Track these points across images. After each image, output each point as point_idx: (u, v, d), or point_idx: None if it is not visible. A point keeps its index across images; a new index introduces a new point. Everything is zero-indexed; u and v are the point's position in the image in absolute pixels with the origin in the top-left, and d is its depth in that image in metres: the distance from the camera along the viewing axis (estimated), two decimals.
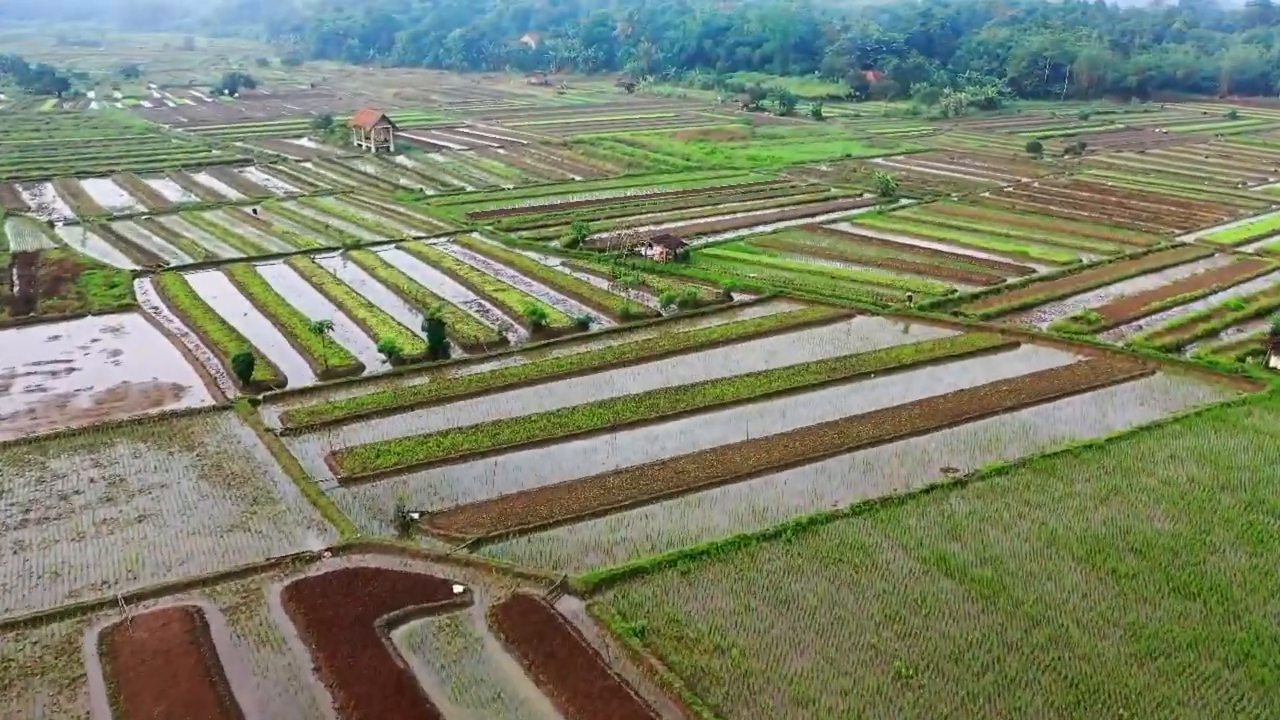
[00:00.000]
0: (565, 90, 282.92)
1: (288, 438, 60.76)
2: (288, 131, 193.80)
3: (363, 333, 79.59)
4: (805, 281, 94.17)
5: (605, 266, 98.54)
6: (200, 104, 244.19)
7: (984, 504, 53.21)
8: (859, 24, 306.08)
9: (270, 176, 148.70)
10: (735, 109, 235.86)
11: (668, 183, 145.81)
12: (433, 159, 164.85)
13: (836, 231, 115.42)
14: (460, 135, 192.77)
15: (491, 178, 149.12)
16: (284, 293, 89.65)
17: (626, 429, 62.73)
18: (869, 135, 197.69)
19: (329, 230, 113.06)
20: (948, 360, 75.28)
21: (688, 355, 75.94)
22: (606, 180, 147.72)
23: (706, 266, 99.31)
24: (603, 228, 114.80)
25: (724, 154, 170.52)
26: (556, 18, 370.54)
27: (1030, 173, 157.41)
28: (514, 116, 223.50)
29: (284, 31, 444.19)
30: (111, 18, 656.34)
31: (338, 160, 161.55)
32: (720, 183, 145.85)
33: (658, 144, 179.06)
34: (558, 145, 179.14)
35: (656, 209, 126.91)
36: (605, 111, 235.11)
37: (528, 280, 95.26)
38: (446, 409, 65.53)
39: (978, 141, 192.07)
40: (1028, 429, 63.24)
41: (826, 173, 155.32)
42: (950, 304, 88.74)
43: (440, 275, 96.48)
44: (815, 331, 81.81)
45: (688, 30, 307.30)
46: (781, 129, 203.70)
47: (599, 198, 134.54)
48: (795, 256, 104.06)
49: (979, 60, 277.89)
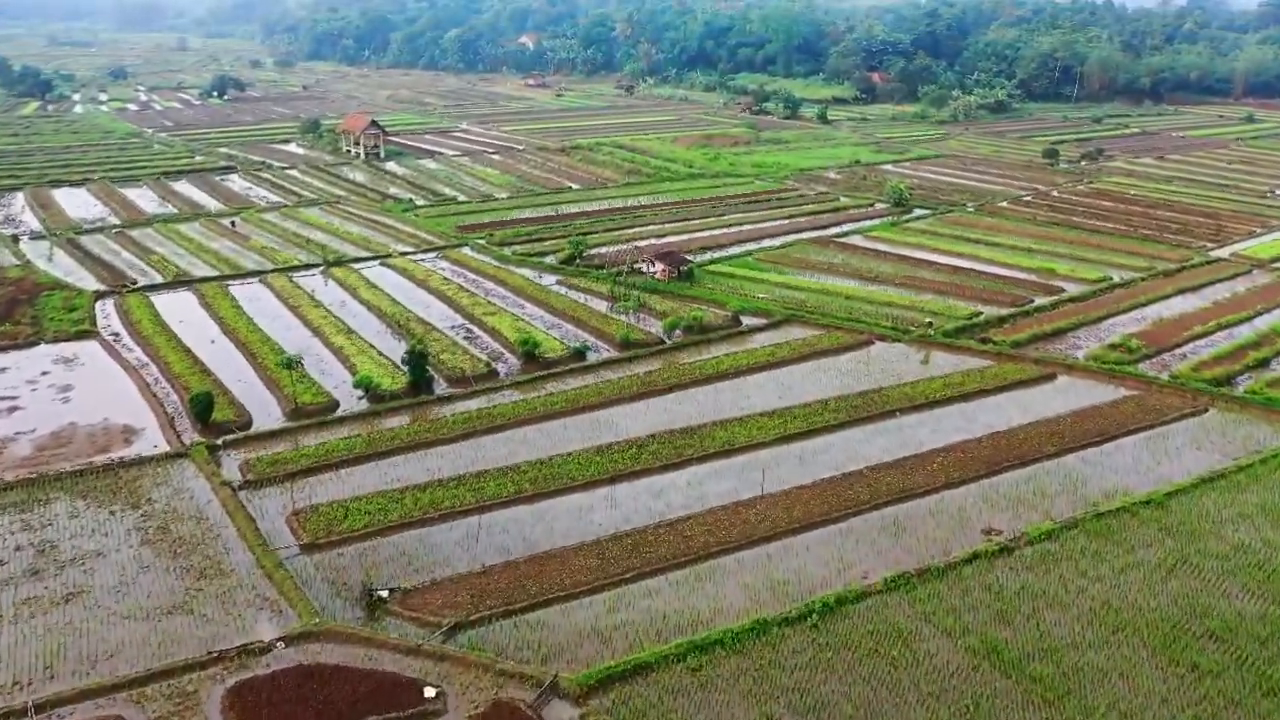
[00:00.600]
0: (563, 92, 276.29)
1: (247, 492, 54.13)
2: (275, 136, 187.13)
3: (339, 363, 72.98)
4: (818, 303, 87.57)
5: (604, 286, 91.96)
6: (188, 107, 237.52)
7: (1035, 577, 46.58)
8: (863, 24, 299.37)
9: (253, 185, 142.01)
10: (738, 112, 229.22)
11: (669, 191, 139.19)
12: (424, 165, 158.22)
13: (849, 246, 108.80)
14: (454, 140, 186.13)
15: (485, 186, 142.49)
16: (256, 316, 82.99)
17: (626, 480, 56.12)
18: (877, 140, 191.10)
19: (310, 245, 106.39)
20: (979, 395, 68.65)
21: (694, 390, 69.31)
22: (605, 189, 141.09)
23: (712, 286, 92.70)
24: (601, 242, 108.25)
25: (728, 160, 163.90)
26: (555, 18, 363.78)
27: (1048, 180, 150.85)
28: (510, 120, 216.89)
29: (278, 32, 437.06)
30: (105, 18, 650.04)
31: (325, 167, 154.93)
32: (724, 191, 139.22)
33: (659, 149, 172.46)
34: (555, 151, 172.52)
35: (658, 220, 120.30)
36: (604, 115, 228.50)
37: (520, 301, 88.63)
38: (426, 456, 58.92)
39: (990, 146, 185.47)
40: (1074, 480, 56.61)
41: (835, 180, 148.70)
42: (976, 329, 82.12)
43: (427, 296, 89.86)
44: (832, 361, 75.16)
45: (688, 31, 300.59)
46: (786, 133, 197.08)
47: (597, 208, 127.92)
48: (806, 274, 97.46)
49: (987, 62, 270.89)
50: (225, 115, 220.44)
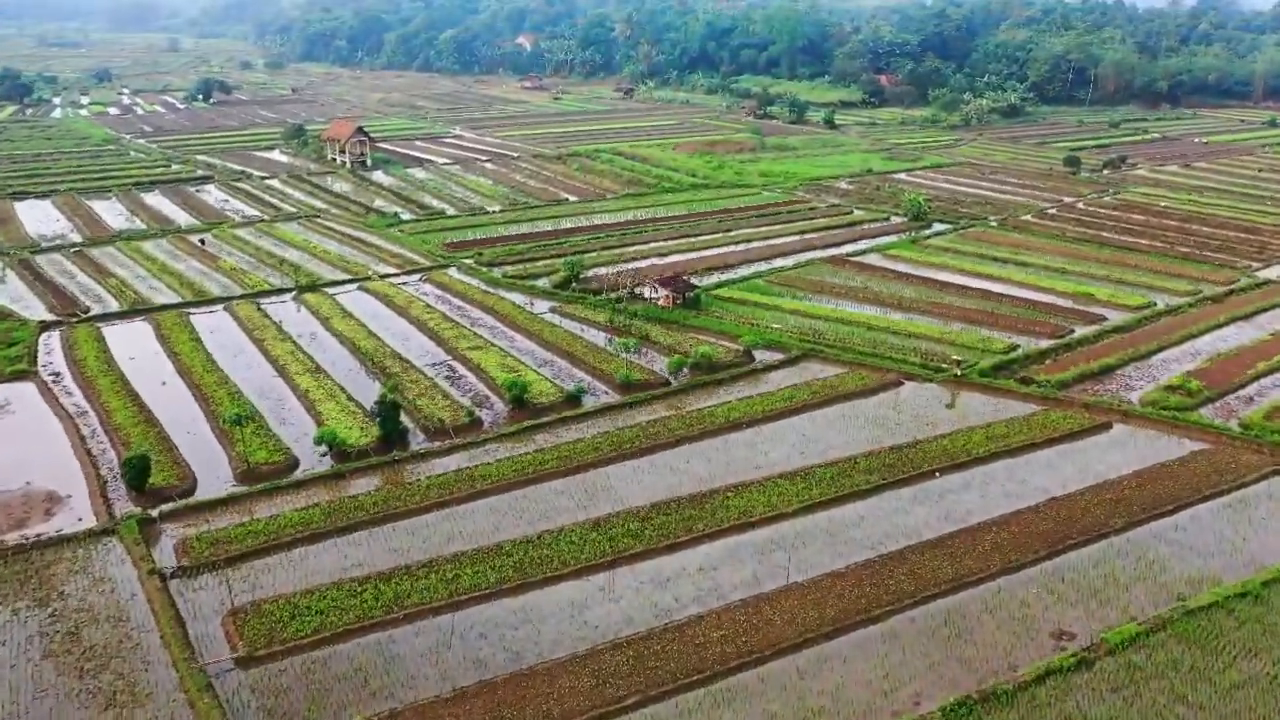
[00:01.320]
0: (561, 95, 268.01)
1: (180, 581, 45.94)
2: (259, 143, 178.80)
3: (304, 410, 64.80)
4: (838, 334, 79.39)
5: (602, 314, 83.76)
6: (171, 111, 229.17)
7: (1124, 703, 38.35)
8: (869, 25, 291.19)
9: (230, 197, 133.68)
10: (742, 116, 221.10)
11: (672, 204, 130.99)
12: (413, 175, 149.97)
13: (867, 266, 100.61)
14: (446, 147, 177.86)
15: (476, 198, 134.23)
16: (216, 352, 74.78)
17: (627, 563, 47.95)
18: (888, 146, 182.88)
19: (284, 266, 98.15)
20: (1026, 449, 60.45)
21: (703, 443, 61.11)
22: (604, 201, 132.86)
23: (720, 314, 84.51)
24: (599, 261, 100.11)
25: (733, 169, 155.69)
26: (553, 18, 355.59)
27: (1071, 190, 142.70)
28: (505, 125, 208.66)
29: (270, 33, 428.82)
30: (99, 18, 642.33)
31: (308, 177, 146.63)
32: (731, 204, 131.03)
33: (660, 157, 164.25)
34: (551, 159, 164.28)
35: (660, 236, 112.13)
36: (603, 119, 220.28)
37: (510, 333, 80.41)
38: (395, 531, 50.71)
39: (1006, 153, 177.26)
40: (1150, 563, 48.45)
41: (847, 191, 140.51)
42: (1015, 365, 73.97)
43: (407, 326, 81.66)
44: (857, 406, 66.97)
45: (690, 31, 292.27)
46: (793, 139, 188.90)
47: (595, 223, 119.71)
48: (822, 299, 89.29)
49: (997, 64, 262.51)
50: (209, 120, 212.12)
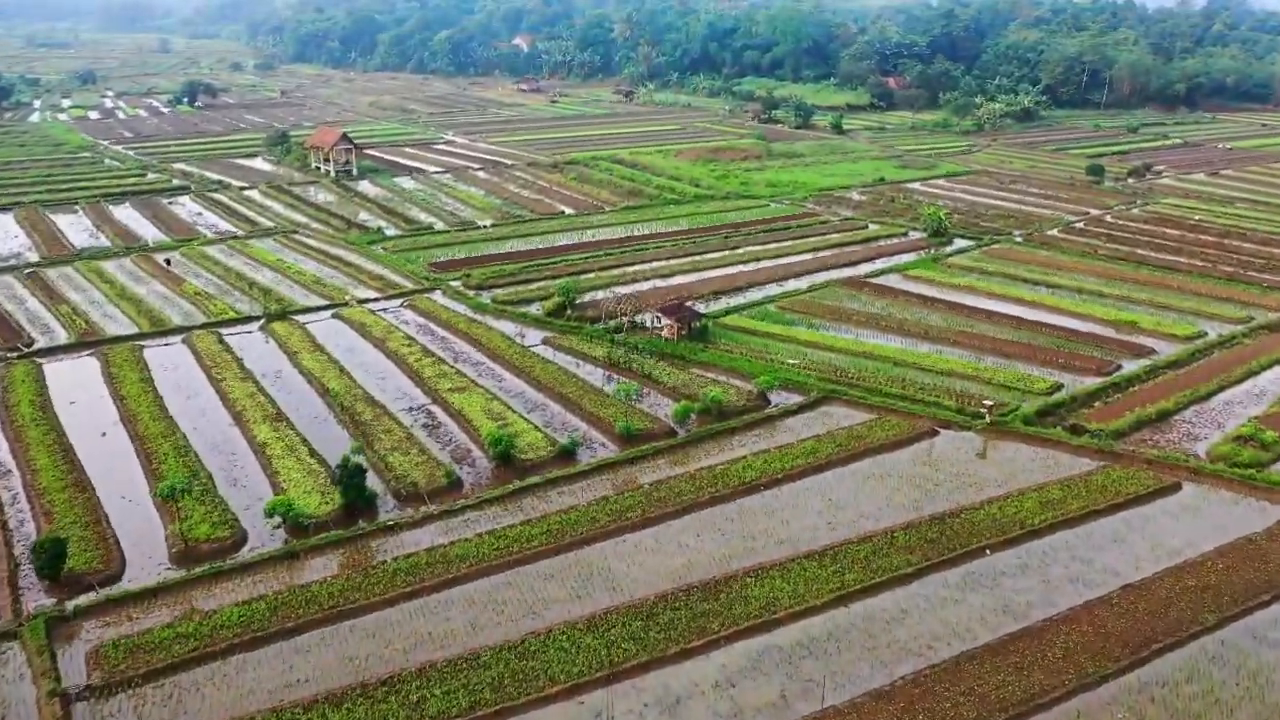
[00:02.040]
0: (558, 98, 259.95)
1: (89, 704, 38.07)
2: (241, 150, 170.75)
3: (259, 467, 56.93)
4: (860, 371, 71.51)
5: (599, 348, 75.84)
6: (154, 115, 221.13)
7: None
8: (875, 26, 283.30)
9: (204, 210, 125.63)
10: (745, 121, 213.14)
11: (675, 217, 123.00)
12: (400, 185, 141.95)
13: (887, 289, 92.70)
14: (437, 154, 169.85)
15: (466, 210, 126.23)
16: (168, 394, 66.87)
17: (629, 677, 40.07)
18: (899, 153, 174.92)
19: (253, 290, 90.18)
20: (1087, 518, 52.50)
21: (716, 511, 53.18)
22: (602, 214, 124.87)
23: (730, 347, 76.57)
24: (596, 283, 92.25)
25: (738, 178, 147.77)
26: (550, 18, 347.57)
27: (1097, 202, 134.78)
28: (499, 130, 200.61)
29: (263, 33, 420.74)
30: (91, 18, 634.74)
31: (289, 187, 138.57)
32: (737, 217, 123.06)
33: (661, 165, 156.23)
34: (546, 167, 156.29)
35: (662, 255, 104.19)
36: (601, 123, 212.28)
37: (497, 370, 72.48)
38: (352, 633, 42.77)
39: (1024, 161, 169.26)
40: (1254, 674, 40.56)
41: (860, 203, 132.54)
42: (1061, 409, 66.11)
43: (383, 361, 73.73)
44: (888, 461, 59.06)
45: (691, 32, 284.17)
46: (799, 145, 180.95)
47: (593, 239, 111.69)
48: (841, 328, 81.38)
49: (1008, 65, 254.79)
50: (192, 125, 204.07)
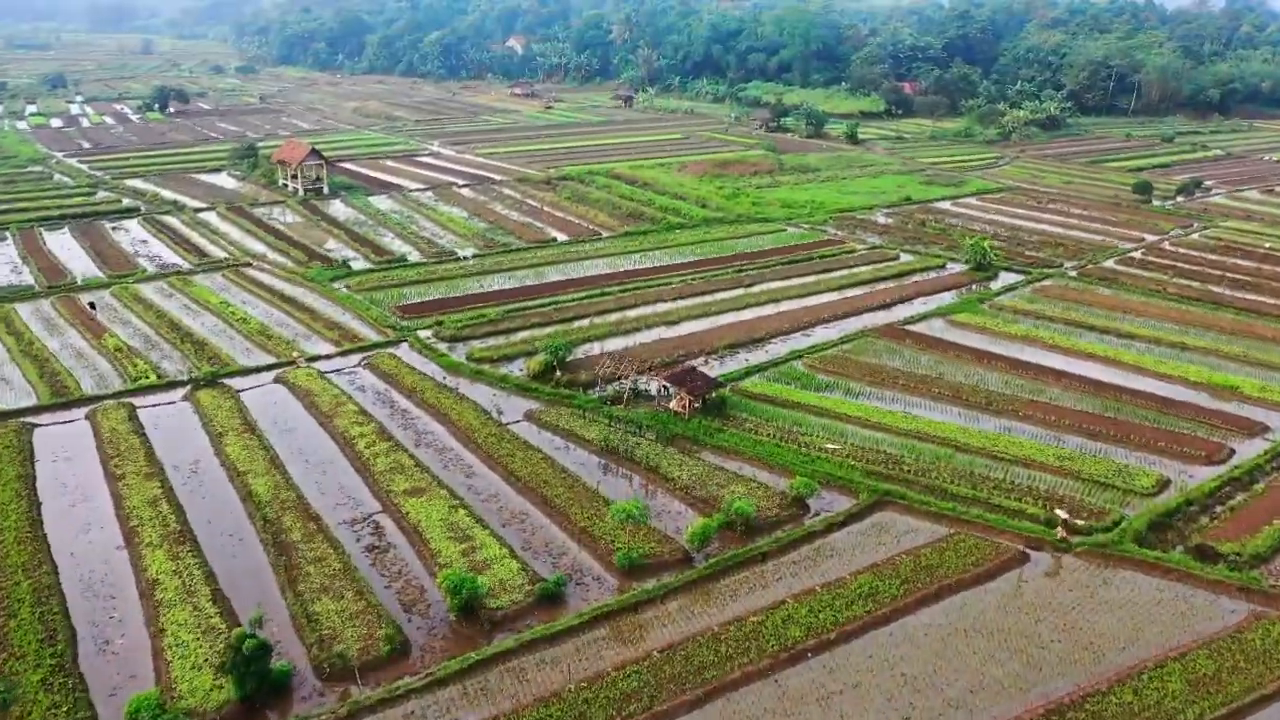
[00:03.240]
0: (553, 104, 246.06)
1: None
2: (206, 163, 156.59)
3: (141, 618, 43.12)
4: (916, 459, 57.80)
5: (594, 428, 62.03)
6: (121, 123, 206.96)
7: None
8: (887, 27, 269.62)
9: (151, 237, 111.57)
10: (753, 129, 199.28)
11: (681, 245, 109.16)
12: (376, 205, 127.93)
13: (932, 340, 78.91)
14: (419, 167, 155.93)
15: (446, 237, 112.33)
16: (49, 499, 53.02)
17: None
18: (922, 167, 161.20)
19: (186, 344, 76.20)
20: (1260, 705, 38.75)
21: (748, 694, 39.36)
22: (598, 242, 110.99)
23: (754, 424, 62.78)
24: (591, 332, 78.60)
25: (749, 196, 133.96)
26: (546, 19, 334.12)
27: (1149, 225, 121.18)
28: (490, 140, 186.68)
29: (248, 34, 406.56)
30: (78, 18, 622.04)
31: (250, 209, 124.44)
32: (750, 244, 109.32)
33: (664, 182, 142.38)
34: (538, 184, 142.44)
35: (668, 294, 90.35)
36: (599, 132, 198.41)
37: (468, 459, 58.63)
38: None
39: (1058, 175, 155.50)
40: None
41: (887, 227, 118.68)
42: (1176, 517, 52.39)
43: (327, 446, 59.86)
44: (969, 605, 45.18)
45: (694, 34, 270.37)
46: (812, 156, 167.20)
47: (588, 273, 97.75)
48: (885, 396, 67.64)
49: (1028, 69, 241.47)
50: (158, 134, 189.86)
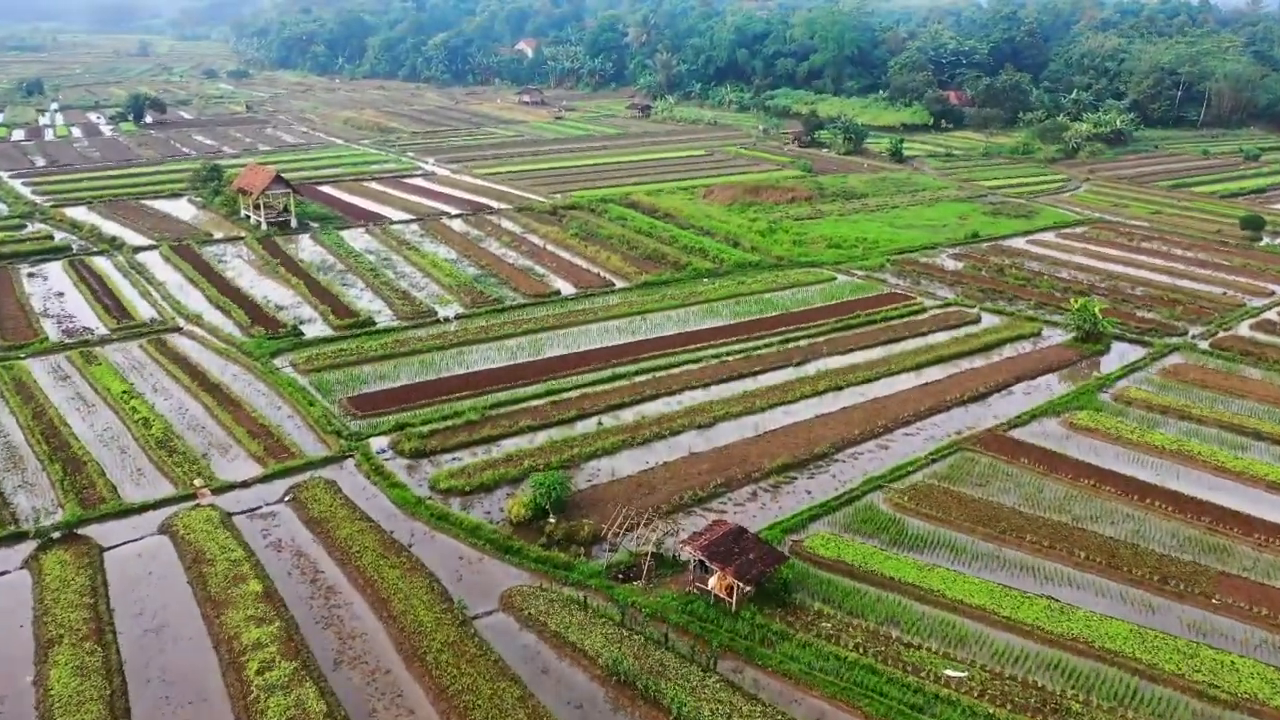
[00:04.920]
0: (564, 114, 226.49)
1: None
2: (167, 186, 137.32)
3: None
4: (1086, 697, 38.01)
5: (599, 631, 42.36)
6: (89, 135, 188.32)
7: None
8: (927, 30, 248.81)
9: (71, 287, 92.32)
10: (785, 144, 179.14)
11: (710, 302, 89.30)
12: (350, 243, 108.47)
13: (1051, 457, 58.97)
14: (409, 192, 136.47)
15: (427, 287, 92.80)
16: None
17: None
18: (981, 192, 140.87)
19: (58, 463, 56.85)
20: None
21: None
22: (609, 296, 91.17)
23: (832, 624, 43.03)
24: (599, 444, 59.01)
25: (788, 232, 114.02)
26: (558, 20, 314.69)
27: (1271, 271, 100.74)
28: (491, 157, 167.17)
29: (247, 35, 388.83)
30: (79, 18, 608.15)
31: (199, 250, 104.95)
32: (795, 299, 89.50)
33: (688, 212, 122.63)
34: (542, 213, 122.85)
35: (697, 379, 70.58)
36: (613, 147, 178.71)
37: (409, 696, 38.98)
38: None
39: (1143, 203, 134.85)
40: None
41: (958, 274, 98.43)
42: None
43: (200, 670, 40.41)
44: None
45: (717, 38, 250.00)
46: (854, 178, 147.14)
47: (597, 344, 78.03)
48: (1009, 564, 47.91)
49: (1082, 76, 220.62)
50: (123, 150, 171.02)
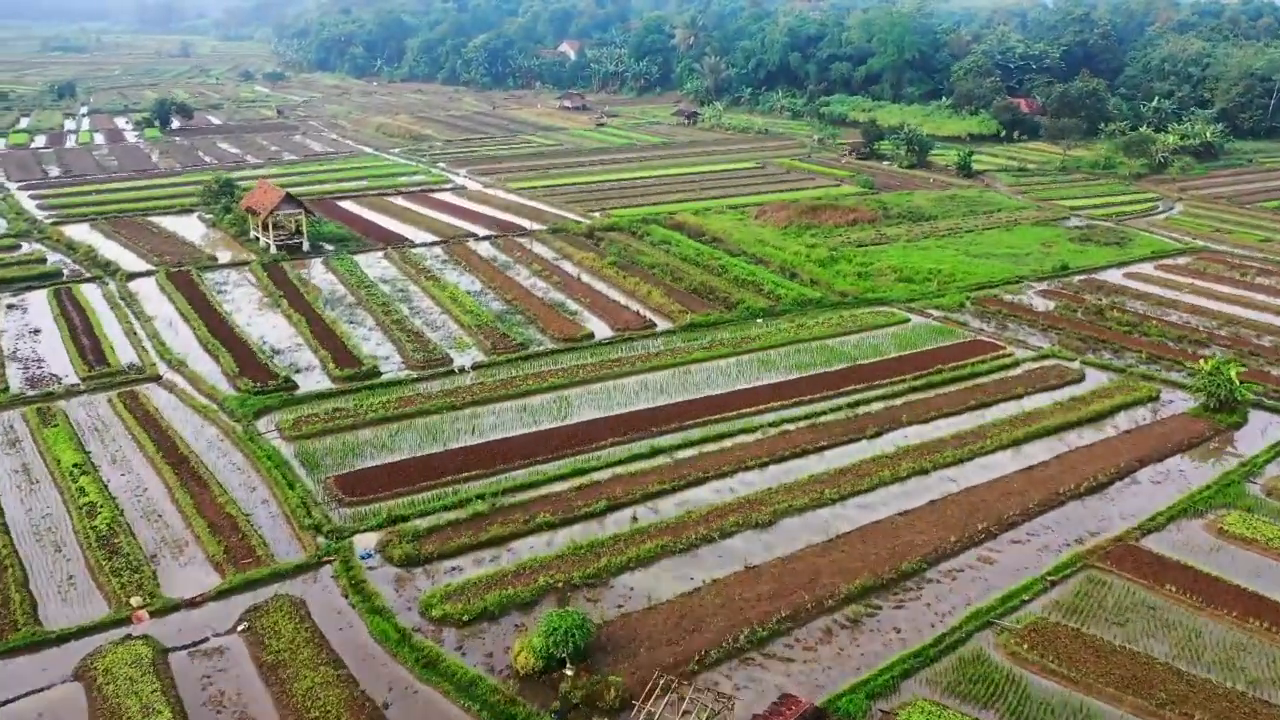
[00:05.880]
0: (605, 119, 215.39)
1: None
2: (178, 200, 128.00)
3: None
4: None
5: None
6: (113, 142, 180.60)
7: None
8: (993, 32, 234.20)
9: (53, 320, 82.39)
10: (842, 156, 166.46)
11: (765, 349, 77.25)
12: (364, 271, 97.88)
13: (1201, 581, 46.31)
14: (436, 208, 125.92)
15: (444, 327, 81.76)
16: None
17: None
18: (1062, 212, 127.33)
19: None
20: None
21: None
22: (651, 342, 79.24)
23: None
24: (633, 550, 47.50)
25: (850, 260, 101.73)
26: (602, 21, 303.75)
27: None
28: (527, 167, 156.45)
29: (287, 37, 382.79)
30: (125, 18, 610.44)
31: (198, 278, 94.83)
32: (864, 347, 77.15)
33: (738, 235, 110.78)
34: (578, 236, 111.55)
35: (751, 458, 58.72)
36: (657, 158, 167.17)
37: None
38: None
39: (1249, 229, 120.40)
40: None
41: (1050, 317, 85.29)
42: None
43: None
44: None
45: (768, 40, 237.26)
46: (920, 196, 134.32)
47: (633, 404, 66.35)
48: None
49: (1162, 83, 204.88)
50: (142, 158, 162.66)
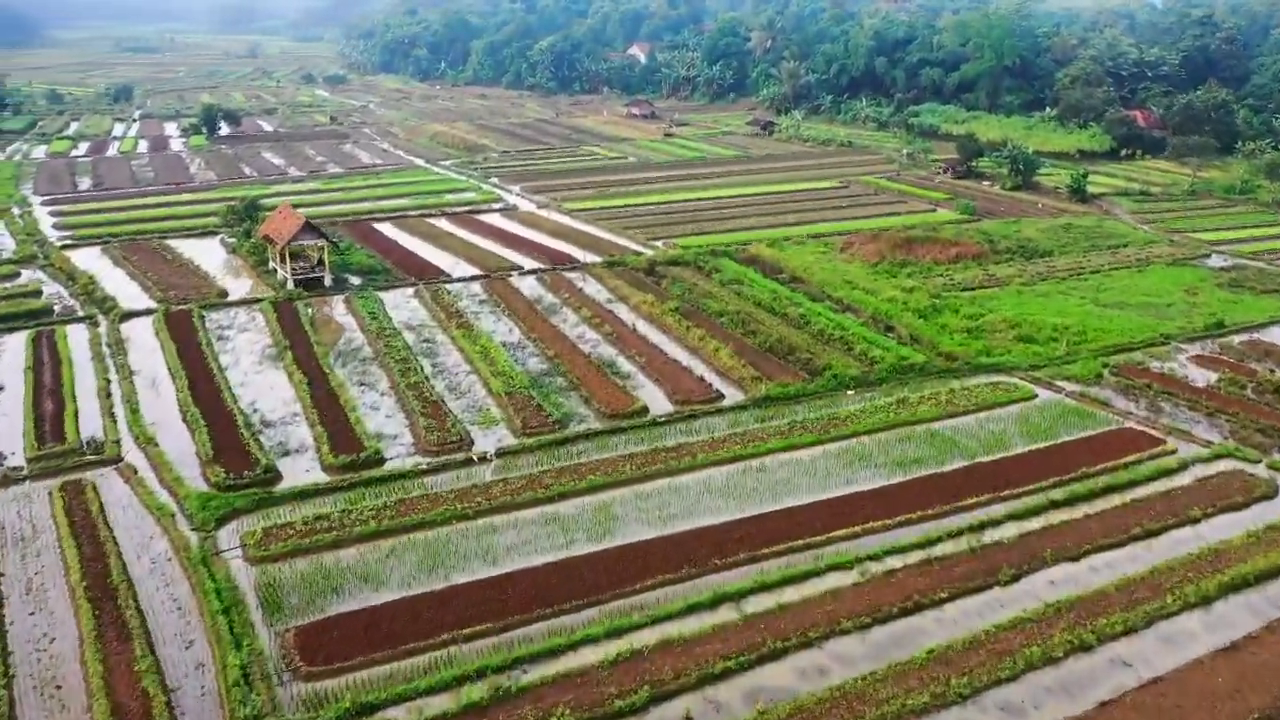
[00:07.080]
0: (674, 129, 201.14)
1: None
2: (204, 221, 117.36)
3: None
4: None
5: None
6: (156, 149, 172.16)
7: None
8: (1100, 35, 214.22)
9: (20, 375, 71.10)
10: (935, 175, 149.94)
11: (858, 431, 62.27)
12: (389, 314, 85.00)
13: None
14: (480, 234, 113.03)
15: (471, 391, 68.23)
16: None
17: None
18: (1202, 247, 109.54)
19: None
20: None
21: None
22: (716, 420, 64.51)
23: None
24: None
25: (956, 310, 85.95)
26: (674, 23, 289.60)
27: None
28: (586, 185, 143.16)
29: (354, 38, 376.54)
30: (202, 19, 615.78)
31: (200, 319, 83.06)
32: (983, 435, 61.60)
33: (823, 274, 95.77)
34: (636, 272, 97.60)
35: (848, 608, 43.93)
36: (729, 175, 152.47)
37: None
38: None
39: None
40: None
41: (1212, 393, 68.54)
42: None
43: None
44: None
45: (852, 44, 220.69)
46: (1028, 225, 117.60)
47: (695, 519, 51.92)
48: None
49: None
50: (179, 170, 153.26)
